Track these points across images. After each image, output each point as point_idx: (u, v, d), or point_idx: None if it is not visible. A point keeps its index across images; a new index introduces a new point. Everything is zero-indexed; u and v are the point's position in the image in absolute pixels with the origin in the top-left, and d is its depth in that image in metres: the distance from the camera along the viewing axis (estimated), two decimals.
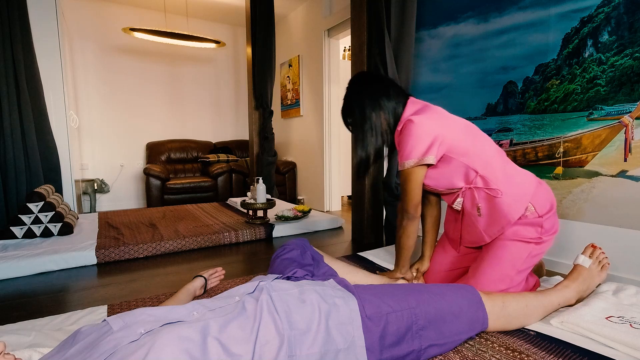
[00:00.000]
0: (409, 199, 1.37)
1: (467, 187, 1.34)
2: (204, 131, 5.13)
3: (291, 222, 2.80)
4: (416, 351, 0.95)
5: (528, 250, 1.29)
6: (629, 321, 1.12)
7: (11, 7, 2.59)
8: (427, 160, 1.29)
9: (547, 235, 1.30)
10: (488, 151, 1.35)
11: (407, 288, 1.06)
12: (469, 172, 1.33)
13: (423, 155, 1.29)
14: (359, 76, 1.47)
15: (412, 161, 1.30)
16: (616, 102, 1.63)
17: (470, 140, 1.34)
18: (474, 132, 1.38)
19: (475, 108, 2.21)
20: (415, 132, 1.29)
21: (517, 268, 1.29)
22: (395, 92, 1.41)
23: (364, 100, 1.40)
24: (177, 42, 3.89)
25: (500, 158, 1.36)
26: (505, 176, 1.32)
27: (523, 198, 1.29)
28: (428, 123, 1.30)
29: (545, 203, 1.31)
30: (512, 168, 1.36)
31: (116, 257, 2.15)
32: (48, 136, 2.83)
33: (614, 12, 1.61)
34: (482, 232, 1.35)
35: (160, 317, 0.81)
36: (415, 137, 1.29)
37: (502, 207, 1.29)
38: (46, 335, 1.17)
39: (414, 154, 1.30)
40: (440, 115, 1.36)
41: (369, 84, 1.42)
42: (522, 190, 1.30)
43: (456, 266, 1.50)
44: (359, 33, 2.44)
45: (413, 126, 1.30)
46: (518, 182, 1.32)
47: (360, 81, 1.45)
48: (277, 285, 0.96)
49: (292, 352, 0.81)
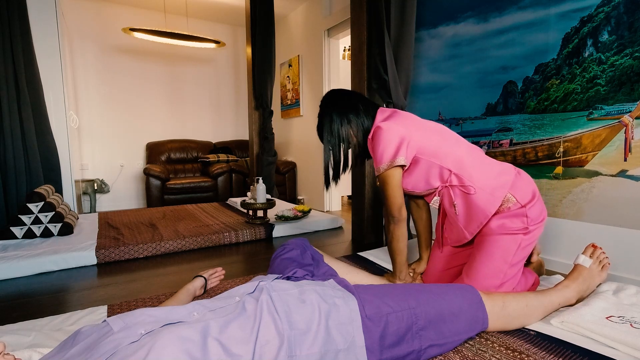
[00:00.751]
0: (391, 202, 1.42)
1: (442, 185, 1.39)
2: (204, 131, 5.13)
3: (291, 222, 2.80)
4: (416, 351, 0.95)
5: (517, 242, 1.30)
6: (629, 321, 1.12)
7: (11, 8, 2.59)
8: (398, 162, 1.35)
9: (534, 224, 1.31)
10: (459, 150, 1.39)
11: (407, 288, 1.06)
12: (443, 171, 1.37)
13: (394, 157, 1.35)
14: (328, 94, 1.56)
15: (385, 164, 1.37)
16: (616, 102, 1.63)
17: (438, 140, 1.39)
18: (443, 132, 1.43)
19: (475, 108, 2.21)
20: (384, 137, 1.36)
21: (509, 261, 1.30)
22: (364, 106, 1.49)
23: (332, 116, 1.48)
24: (177, 42, 3.89)
25: (471, 155, 1.39)
26: (480, 171, 1.35)
27: (500, 190, 1.31)
28: (395, 127, 1.37)
29: (527, 192, 1.32)
30: (487, 163, 1.39)
31: (116, 257, 2.15)
32: (48, 136, 2.83)
33: (614, 11, 1.61)
34: (462, 229, 1.38)
35: (160, 318, 0.81)
36: (384, 142, 1.36)
37: (477, 202, 1.32)
38: (46, 336, 1.17)
39: (385, 157, 1.36)
40: (407, 119, 1.43)
41: (337, 101, 1.50)
42: (499, 183, 1.33)
43: (450, 265, 1.52)
44: (358, 33, 2.44)
45: (381, 132, 1.37)
46: (493, 175, 1.35)
47: (329, 99, 1.53)
48: (277, 286, 0.96)
49: (292, 352, 0.81)
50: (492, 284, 1.29)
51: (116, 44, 4.42)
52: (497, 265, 1.30)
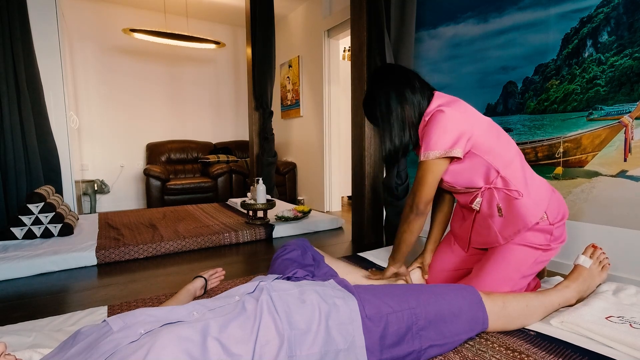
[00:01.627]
0: (424, 193, 1.30)
1: (486, 187, 1.31)
2: (204, 132, 5.13)
3: (291, 223, 2.80)
4: (416, 351, 0.95)
5: (535, 256, 1.28)
6: (629, 321, 1.12)
7: (11, 8, 2.59)
8: (453, 153, 1.23)
9: (556, 243, 1.30)
10: (510, 152, 1.32)
11: (407, 288, 1.06)
12: (490, 171, 1.29)
13: (450, 147, 1.23)
14: (383, 67, 1.43)
15: (437, 152, 1.24)
16: (616, 102, 1.63)
17: (494, 138, 1.30)
18: (498, 131, 1.35)
19: (475, 108, 2.20)
20: (444, 123, 1.23)
21: (522, 273, 1.29)
22: (420, 85, 1.37)
23: (388, 91, 1.35)
24: (177, 43, 3.89)
25: (520, 160, 1.34)
26: (524, 179, 1.29)
27: (541, 203, 1.27)
28: (457, 115, 1.25)
29: (558, 212, 1.30)
30: (530, 172, 1.34)
31: (116, 257, 2.15)
32: (48, 137, 2.84)
33: (614, 12, 1.61)
34: (497, 234, 1.31)
35: (160, 318, 0.82)
36: (443, 128, 1.23)
37: (520, 209, 1.26)
38: (46, 336, 1.17)
39: (440, 144, 1.23)
40: (468, 109, 1.31)
41: (393, 75, 1.38)
42: (540, 196, 1.29)
43: (461, 266, 1.49)
44: (358, 33, 2.44)
45: (442, 116, 1.24)
46: (536, 187, 1.30)
47: (384, 72, 1.40)
48: (277, 286, 0.96)
49: (292, 352, 0.81)
50: (500, 291, 1.26)
51: (116, 44, 4.42)
52: (510, 273, 1.28)
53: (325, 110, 3.95)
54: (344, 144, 4.19)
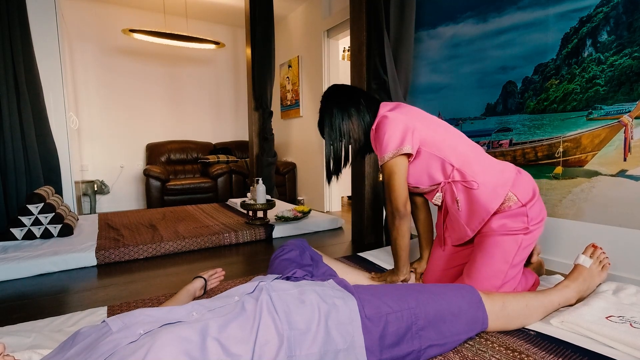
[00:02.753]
0: (397, 195, 1.38)
1: (445, 181, 1.37)
2: (204, 132, 5.13)
3: (291, 223, 2.80)
4: (416, 351, 0.95)
5: (518, 242, 1.30)
6: (629, 321, 1.12)
7: (11, 9, 2.60)
8: (404, 150, 1.32)
9: (534, 223, 1.31)
10: (461, 145, 1.39)
11: (407, 288, 1.06)
12: (446, 165, 1.36)
13: (400, 145, 1.33)
14: (330, 89, 1.55)
15: (391, 152, 1.34)
16: (615, 102, 1.63)
17: (442, 134, 1.39)
18: (446, 127, 1.43)
19: (475, 108, 2.21)
20: (389, 125, 1.35)
21: (510, 262, 1.30)
22: (366, 101, 1.48)
23: (333, 111, 1.47)
24: (177, 44, 3.89)
25: (473, 151, 1.39)
26: (482, 168, 1.35)
27: (502, 187, 1.31)
28: (400, 116, 1.36)
29: (527, 191, 1.32)
30: (488, 160, 1.39)
31: (116, 258, 2.15)
32: (48, 137, 2.84)
33: (613, 11, 1.61)
34: (464, 226, 1.37)
35: (159, 318, 0.81)
36: (389, 130, 1.34)
37: (479, 198, 1.31)
38: (46, 337, 1.17)
39: (390, 145, 1.33)
40: (411, 110, 1.43)
41: (338, 95, 1.50)
42: (501, 180, 1.32)
43: (451, 265, 1.51)
44: (358, 34, 2.44)
45: (386, 120, 1.36)
46: (495, 172, 1.34)
47: (331, 94, 1.52)
48: (276, 286, 0.96)
49: (291, 352, 0.81)
50: (493, 285, 1.28)
51: (116, 45, 4.42)
52: (498, 265, 1.29)
53: None
54: None
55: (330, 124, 1.47)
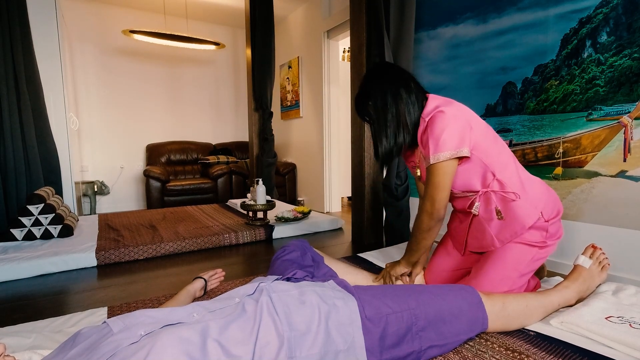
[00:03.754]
0: (441, 197, 1.27)
1: (484, 190, 1.31)
2: (204, 133, 5.13)
3: (291, 224, 2.80)
4: (416, 352, 0.95)
5: (532, 253, 1.29)
6: (629, 321, 1.12)
7: (11, 10, 2.60)
8: (462, 152, 1.22)
9: (552, 239, 1.30)
10: (505, 154, 1.32)
11: (407, 289, 1.06)
12: (487, 173, 1.29)
13: (458, 147, 1.21)
14: (379, 65, 1.41)
15: (448, 153, 1.21)
16: (615, 103, 1.63)
17: (491, 141, 1.30)
18: (494, 134, 1.35)
19: (475, 109, 2.20)
20: (448, 122, 1.22)
21: (520, 271, 1.29)
22: (415, 87, 1.36)
23: (384, 89, 1.32)
24: (177, 44, 3.89)
25: (514, 163, 1.34)
26: (520, 181, 1.30)
27: (537, 204, 1.28)
28: (458, 114, 1.24)
29: (553, 209, 1.31)
30: (525, 174, 1.35)
31: (116, 258, 2.15)
32: (48, 138, 2.84)
33: (613, 12, 1.61)
34: (492, 237, 1.31)
35: (160, 319, 0.82)
36: (448, 127, 1.21)
37: (517, 211, 1.26)
38: (46, 337, 1.17)
39: (448, 145, 1.21)
40: (465, 108, 1.31)
41: (389, 74, 1.36)
42: (536, 196, 1.29)
43: (459, 267, 1.49)
44: (358, 34, 2.45)
45: (444, 116, 1.22)
46: (531, 187, 1.31)
47: (380, 70, 1.38)
48: (277, 287, 0.96)
49: (292, 353, 0.81)
50: (499, 291, 1.27)
51: (116, 45, 4.42)
52: (508, 272, 1.28)
53: (325, 111, 3.96)
54: (343, 144, 4.19)
55: (383, 102, 1.31)
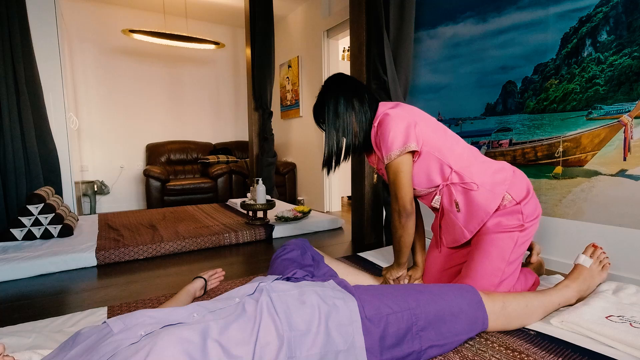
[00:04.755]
0: (404, 193, 1.36)
1: (444, 184, 1.37)
2: (204, 132, 5.13)
3: (291, 223, 2.80)
4: (416, 352, 0.95)
5: (514, 239, 1.30)
6: (629, 320, 1.12)
7: (11, 10, 2.59)
8: (410, 147, 1.30)
9: (529, 220, 1.32)
10: (459, 146, 1.39)
11: (407, 289, 1.06)
12: (444, 167, 1.36)
13: (405, 142, 1.31)
14: (336, 76, 1.49)
15: (397, 150, 1.31)
16: (615, 102, 1.63)
17: (441, 135, 1.38)
18: (444, 129, 1.42)
19: (475, 108, 2.21)
20: (392, 122, 1.32)
21: (507, 259, 1.30)
22: (368, 97, 1.45)
23: (337, 98, 1.42)
24: (177, 44, 3.89)
25: (471, 152, 1.39)
26: (480, 169, 1.35)
27: (499, 187, 1.32)
28: (402, 113, 1.34)
29: (521, 189, 1.33)
30: (485, 160, 1.39)
31: (116, 258, 2.15)
32: (48, 138, 2.84)
33: (613, 11, 1.61)
34: (462, 228, 1.37)
35: (160, 319, 0.81)
36: (393, 127, 1.32)
37: (478, 199, 1.32)
38: (46, 337, 1.17)
39: (396, 143, 1.31)
40: (412, 109, 1.41)
41: (344, 84, 1.45)
42: (498, 180, 1.33)
43: (449, 265, 1.51)
44: (358, 34, 2.44)
45: (388, 118, 1.33)
46: (492, 172, 1.35)
47: (336, 81, 1.47)
48: (277, 286, 0.96)
49: (292, 353, 0.81)
50: (491, 283, 1.29)
51: (116, 45, 4.42)
52: (496, 263, 1.30)
53: None
54: None
55: (335, 111, 1.42)
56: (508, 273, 1.31)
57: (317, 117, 1.49)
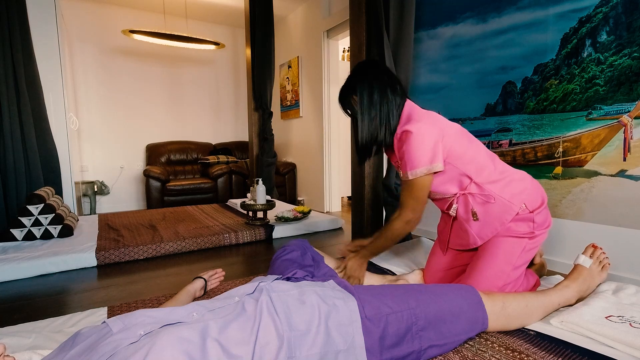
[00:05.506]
0: (420, 208, 1.36)
1: (461, 193, 1.35)
2: (204, 132, 5.13)
3: (291, 223, 2.80)
4: (416, 352, 0.95)
5: (522, 245, 1.30)
6: (629, 320, 1.12)
7: (11, 10, 2.60)
8: (435, 168, 1.29)
9: (540, 229, 1.32)
10: (482, 156, 1.36)
11: (407, 289, 1.06)
12: (463, 178, 1.34)
13: (431, 163, 1.28)
14: (368, 62, 1.44)
15: (424, 169, 1.28)
16: (615, 102, 1.63)
17: (465, 144, 1.35)
18: (468, 136, 1.39)
19: (475, 108, 2.21)
20: (420, 140, 1.27)
21: (513, 264, 1.30)
22: (400, 90, 1.41)
23: (372, 84, 1.36)
24: (177, 44, 3.89)
25: (492, 161, 1.37)
26: (500, 180, 1.33)
27: (517, 198, 1.31)
28: (429, 130, 1.28)
29: (536, 199, 1.33)
30: (506, 170, 1.37)
31: (116, 258, 2.15)
32: (48, 138, 2.84)
33: (612, 12, 1.61)
34: (474, 236, 1.36)
35: (159, 319, 0.81)
36: (420, 145, 1.27)
37: (495, 210, 1.30)
38: (46, 337, 1.17)
39: (422, 162, 1.28)
40: (437, 119, 1.36)
41: (377, 71, 1.40)
42: (516, 191, 1.32)
43: (453, 265, 1.51)
44: (358, 34, 2.44)
45: (417, 135, 1.28)
46: (513, 184, 1.33)
47: (370, 66, 1.41)
48: (276, 286, 0.96)
49: (291, 353, 0.81)
50: (495, 286, 1.28)
51: (116, 45, 4.42)
52: (501, 267, 1.29)
53: (324, 110, 3.95)
54: (343, 144, 4.19)
55: (370, 99, 1.35)
56: (512, 278, 1.31)
57: (344, 101, 1.44)
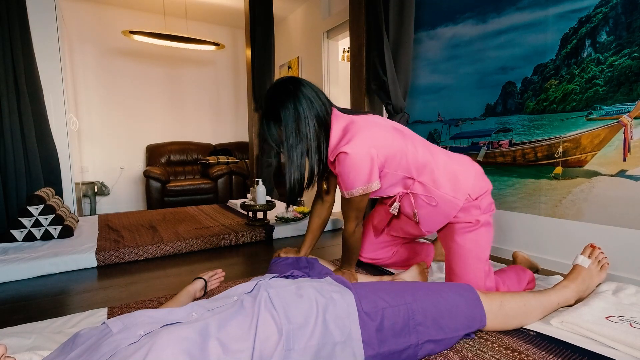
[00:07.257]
0: (360, 215, 1.40)
1: (404, 192, 1.38)
2: (204, 133, 5.14)
3: (291, 224, 2.80)
4: (413, 346, 0.95)
5: (483, 236, 1.34)
6: (629, 321, 1.12)
7: (11, 11, 2.60)
8: (372, 187, 1.29)
9: (487, 212, 1.36)
10: (421, 152, 1.34)
11: (404, 285, 1.07)
12: (406, 180, 1.36)
13: (367, 183, 1.27)
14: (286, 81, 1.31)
15: (358, 190, 1.28)
16: (615, 102, 1.63)
17: (400, 145, 1.31)
18: (404, 134, 1.36)
19: (474, 108, 2.21)
20: (356, 163, 1.23)
21: (482, 258, 1.34)
22: (327, 101, 1.34)
23: (298, 110, 1.24)
24: (177, 45, 3.90)
25: (432, 155, 1.36)
26: (443, 175, 1.34)
27: (462, 192, 1.33)
28: (361, 149, 1.23)
29: (481, 188, 1.36)
30: (447, 162, 1.37)
31: (116, 259, 2.15)
32: (48, 139, 2.84)
33: (612, 12, 1.61)
34: (420, 229, 1.44)
35: (159, 319, 0.82)
36: (356, 167, 1.24)
37: (440, 208, 1.34)
38: (46, 338, 1.17)
39: (358, 183, 1.26)
40: (372, 126, 1.29)
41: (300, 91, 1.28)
42: (462, 185, 1.34)
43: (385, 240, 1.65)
44: (357, 34, 2.45)
45: (350, 158, 1.23)
46: (456, 176, 1.34)
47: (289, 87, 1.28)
48: (274, 283, 0.97)
49: (290, 345, 0.81)
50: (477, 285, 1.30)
51: (116, 46, 4.43)
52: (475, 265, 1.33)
53: None
54: None
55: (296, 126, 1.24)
56: (486, 271, 1.34)
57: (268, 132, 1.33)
